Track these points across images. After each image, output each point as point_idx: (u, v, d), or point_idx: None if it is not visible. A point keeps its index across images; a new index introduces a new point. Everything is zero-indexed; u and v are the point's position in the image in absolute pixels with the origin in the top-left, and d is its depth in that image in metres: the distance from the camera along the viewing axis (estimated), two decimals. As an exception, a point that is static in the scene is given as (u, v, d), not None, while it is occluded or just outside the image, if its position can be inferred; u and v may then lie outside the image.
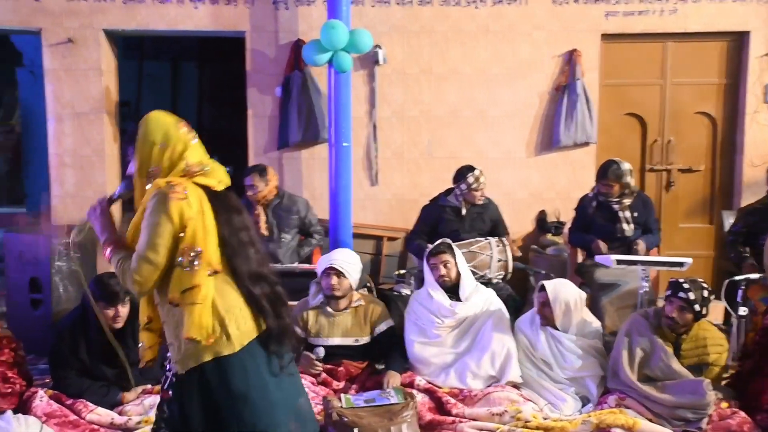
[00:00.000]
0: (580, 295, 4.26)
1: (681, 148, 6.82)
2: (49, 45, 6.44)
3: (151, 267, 2.34)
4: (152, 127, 2.48)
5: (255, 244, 2.52)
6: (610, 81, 6.76)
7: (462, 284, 4.40)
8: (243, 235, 2.49)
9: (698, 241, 6.88)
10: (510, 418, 3.75)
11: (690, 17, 6.56)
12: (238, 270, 2.44)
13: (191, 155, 2.47)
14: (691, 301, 3.90)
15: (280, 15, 6.50)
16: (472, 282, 4.47)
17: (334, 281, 4.25)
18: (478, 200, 5.25)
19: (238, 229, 2.48)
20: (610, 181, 5.12)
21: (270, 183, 5.45)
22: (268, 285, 2.50)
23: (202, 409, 2.38)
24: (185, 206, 2.35)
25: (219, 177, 2.51)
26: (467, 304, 4.37)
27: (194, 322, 2.31)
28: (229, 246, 2.44)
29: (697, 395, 3.74)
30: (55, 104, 6.49)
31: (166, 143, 2.45)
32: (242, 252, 2.47)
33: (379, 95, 6.60)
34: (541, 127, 6.68)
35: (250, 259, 2.47)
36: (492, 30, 6.58)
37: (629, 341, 4.05)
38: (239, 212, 2.53)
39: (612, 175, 5.11)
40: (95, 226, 2.60)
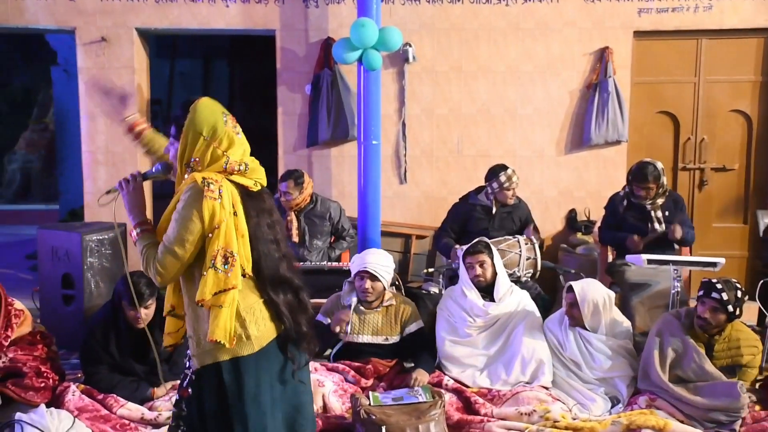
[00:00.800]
0: (609, 295, 4.22)
1: (715, 147, 6.72)
2: (83, 44, 6.53)
3: (175, 261, 2.34)
4: (201, 117, 2.41)
5: (282, 248, 2.48)
6: (642, 79, 6.68)
7: (497, 285, 4.39)
8: (270, 239, 2.45)
9: (732, 241, 6.78)
10: (538, 417, 3.73)
11: (725, 13, 6.45)
12: (262, 273, 2.42)
13: (234, 153, 2.42)
14: (725, 301, 3.84)
15: (310, 13, 6.52)
16: (507, 283, 4.46)
17: (367, 285, 4.28)
18: (509, 200, 5.22)
19: (266, 233, 2.44)
20: (650, 183, 5.02)
21: (305, 191, 5.37)
22: (291, 291, 2.46)
23: (216, 407, 2.37)
24: (218, 207, 2.31)
25: (256, 177, 2.47)
26: (500, 305, 4.35)
27: (219, 325, 2.29)
28: (255, 249, 2.41)
29: (732, 398, 3.68)
30: (88, 102, 6.58)
31: (211, 138, 2.40)
32: (268, 256, 2.43)
33: (408, 93, 6.59)
34: (572, 125, 6.62)
35: (275, 264, 2.44)
36: (522, 27, 6.53)
37: (661, 341, 4.00)
38: (270, 215, 2.49)
39: (651, 177, 5.01)
40: (124, 200, 2.56)
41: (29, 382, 3.76)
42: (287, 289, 2.46)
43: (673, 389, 3.85)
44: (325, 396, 3.97)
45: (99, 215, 6.49)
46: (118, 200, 2.58)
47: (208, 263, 2.31)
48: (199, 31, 6.77)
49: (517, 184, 5.22)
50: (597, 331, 4.17)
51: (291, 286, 2.47)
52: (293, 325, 2.43)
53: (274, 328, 2.43)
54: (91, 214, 6.62)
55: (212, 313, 2.31)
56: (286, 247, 2.52)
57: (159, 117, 10.35)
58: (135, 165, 6.60)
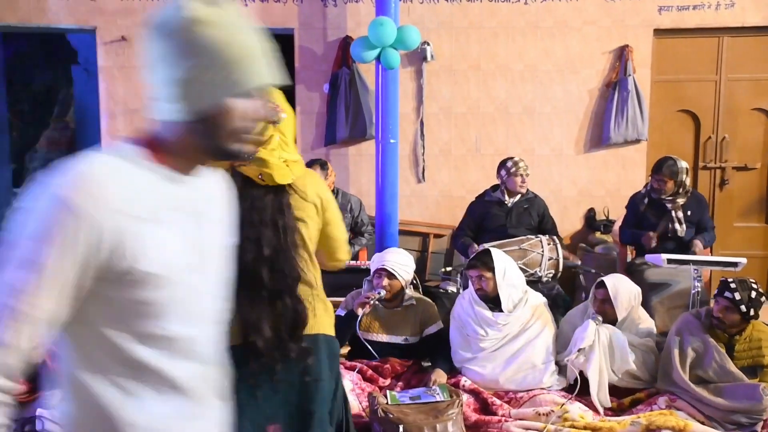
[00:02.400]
0: (637, 291, 4.19)
1: (736, 146, 6.66)
2: (103, 43, 6.58)
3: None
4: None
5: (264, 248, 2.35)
6: (663, 77, 6.62)
7: (502, 298, 4.15)
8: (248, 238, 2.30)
9: (753, 240, 6.71)
10: (557, 418, 3.71)
11: (747, 11, 6.39)
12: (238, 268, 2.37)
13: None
14: (737, 301, 3.80)
15: (328, 12, 6.53)
16: (515, 295, 4.19)
17: (384, 283, 4.21)
18: (519, 187, 5.19)
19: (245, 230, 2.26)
20: (664, 176, 5.00)
21: (329, 178, 5.47)
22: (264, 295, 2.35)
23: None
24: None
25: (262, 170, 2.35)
26: (511, 316, 4.14)
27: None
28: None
29: (754, 400, 3.65)
30: (108, 101, 6.63)
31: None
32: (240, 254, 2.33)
33: (426, 92, 6.59)
34: (591, 124, 6.59)
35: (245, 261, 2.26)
36: (542, 26, 6.50)
37: (681, 341, 3.97)
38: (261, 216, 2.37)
39: (666, 171, 4.99)
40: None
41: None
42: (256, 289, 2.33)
43: (695, 389, 3.81)
44: (342, 395, 3.98)
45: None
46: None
47: None
48: (218, 30, 6.79)
49: (526, 171, 5.20)
50: (622, 326, 4.13)
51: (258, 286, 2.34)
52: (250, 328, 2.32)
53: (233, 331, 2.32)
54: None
55: None
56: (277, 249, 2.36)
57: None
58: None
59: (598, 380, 3.95)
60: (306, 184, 2.47)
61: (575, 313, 4.35)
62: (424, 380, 4.05)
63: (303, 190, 2.45)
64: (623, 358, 4.03)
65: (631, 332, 4.15)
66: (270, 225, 2.36)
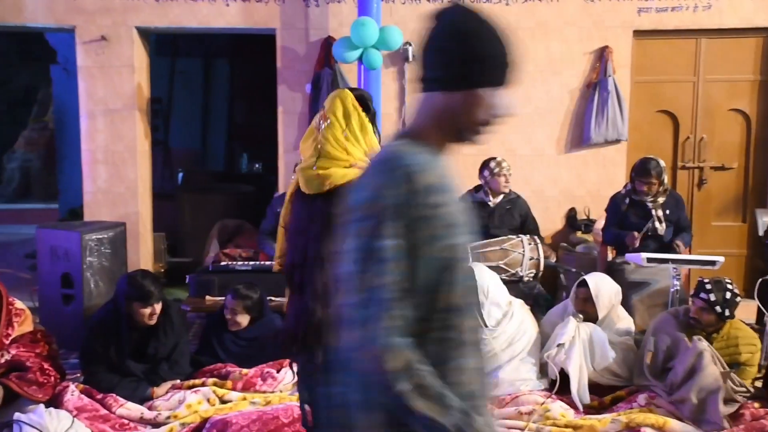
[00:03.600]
0: (618, 290, 4.24)
1: (714, 146, 6.72)
2: (82, 42, 6.52)
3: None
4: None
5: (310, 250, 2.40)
6: (642, 78, 6.68)
7: (484, 313, 4.14)
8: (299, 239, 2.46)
9: (731, 239, 6.78)
10: (538, 417, 3.73)
11: (725, 13, 6.45)
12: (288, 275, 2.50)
13: (304, 149, 2.51)
14: (713, 302, 3.86)
15: (310, 12, 6.52)
16: (497, 312, 4.20)
17: None
18: (502, 187, 5.22)
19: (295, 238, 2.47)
20: (653, 179, 5.03)
21: None
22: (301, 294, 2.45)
23: None
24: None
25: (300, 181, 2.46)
26: (497, 332, 4.13)
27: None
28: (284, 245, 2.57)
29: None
30: (88, 101, 6.58)
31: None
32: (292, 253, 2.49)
33: (409, 92, 6.59)
34: (572, 125, 6.62)
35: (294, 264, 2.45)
36: (523, 27, 6.53)
37: (655, 340, 4.04)
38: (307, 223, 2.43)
39: (654, 173, 5.03)
40: None
41: (33, 376, 3.76)
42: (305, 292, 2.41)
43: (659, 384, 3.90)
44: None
45: (98, 214, 6.49)
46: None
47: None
48: (199, 30, 6.77)
49: (508, 171, 5.24)
50: (602, 325, 4.16)
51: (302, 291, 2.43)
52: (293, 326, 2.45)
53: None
54: (90, 213, 6.62)
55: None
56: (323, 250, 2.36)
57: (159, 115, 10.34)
58: (135, 164, 6.60)
59: (579, 377, 3.98)
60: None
61: (555, 312, 4.39)
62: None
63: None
64: (603, 355, 4.07)
65: (611, 330, 4.20)
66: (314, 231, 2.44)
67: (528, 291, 4.87)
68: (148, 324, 4.02)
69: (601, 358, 4.08)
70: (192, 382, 4.06)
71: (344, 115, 2.43)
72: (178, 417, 3.71)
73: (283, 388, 4.01)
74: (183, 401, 3.80)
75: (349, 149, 2.41)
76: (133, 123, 6.61)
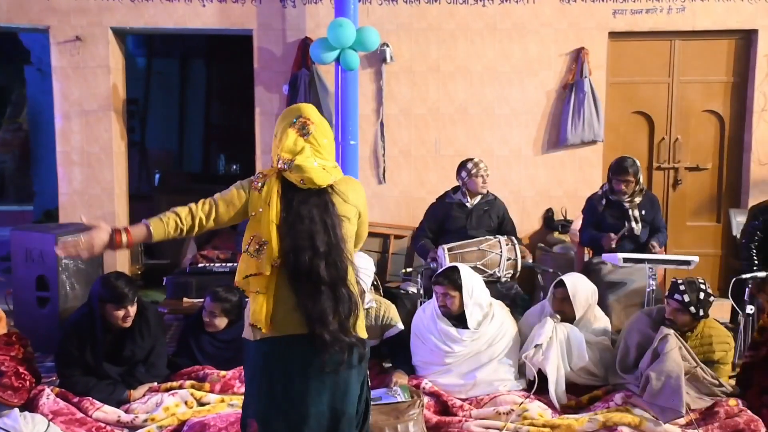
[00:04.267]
0: (594, 290, 4.27)
1: (688, 147, 6.80)
2: (57, 43, 6.46)
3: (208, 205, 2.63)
4: (280, 119, 2.67)
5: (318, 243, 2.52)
6: (618, 79, 6.74)
7: (467, 316, 4.14)
8: (304, 233, 2.52)
9: (706, 239, 6.86)
10: (516, 416, 3.75)
11: (698, 15, 6.54)
12: (289, 264, 2.52)
13: (283, 151, 2.59)
14: (686, 303, 3.91)
15: (287, 13, 6.51)
16: (478, 314, 4.18)
17: None
18: (480, 188, 5.23)
19: (300, 226, 2.52)
20: (629, 176, 5.07)
21: None
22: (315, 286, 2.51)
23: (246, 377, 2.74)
24: (255, 196, 2.59)
25: (302, 175, 2.55)
26: (476, 333, 4.13)
27: (254, 309, 2.52)
28: (285, 240, 2.52)
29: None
30: (63, 102, 6.52)
31: (277, 139, 2.64)
32: (297, 248, 2.51)
33: (386, 93, 6.60)
34: (549, 125, 6.67)
35: (303, 256, 2.50)
36: (499, 28, 6.57)
37: (628, 340, 4.08)
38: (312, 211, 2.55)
39: (631, 171, 5.07)
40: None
41: (8, 381, 3.72)
42: (313, 283, 2.51)
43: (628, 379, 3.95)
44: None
45: (74, 216, 6.43)
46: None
47: (243, 247, 2.54)
48: (175, 30, 6.73)
49: (486, 172, 5.23)
50: (579, 325, 4.19)
51: (317, 281, 2.51)
52: (309, 321, 2.50)
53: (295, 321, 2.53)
54: (65, 214, 6.56)
55: (250, 297, 2.54)
56: (329, 244, 2.54)
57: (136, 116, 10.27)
58: (111, 165, 6.55)
59: (556, 377, 4.00)
60: (348, 189, 2.67)
61: (533, 312, 4.41)
62: (385, 381, 4.06)
63: (345, 193, 2.65)
64: (580, 355, 4.10)
65: (588, 330, 4.23)
66: (320, 223, 2.55)
67: (506, 291, 4.89)
68: (123, 326, 3.99)
69: (578, 358, 4.11)
70: (169, 384, 4.03)
71: (320, 122, 2.67)
72: (156, 420, 3.68)
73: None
74: (160, 404, 3.77)
75: (330, 152, 2.69)
76: (108, 124, 6.56)
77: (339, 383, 2.59)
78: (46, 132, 8.82)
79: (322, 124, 2.66)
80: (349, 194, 2.66)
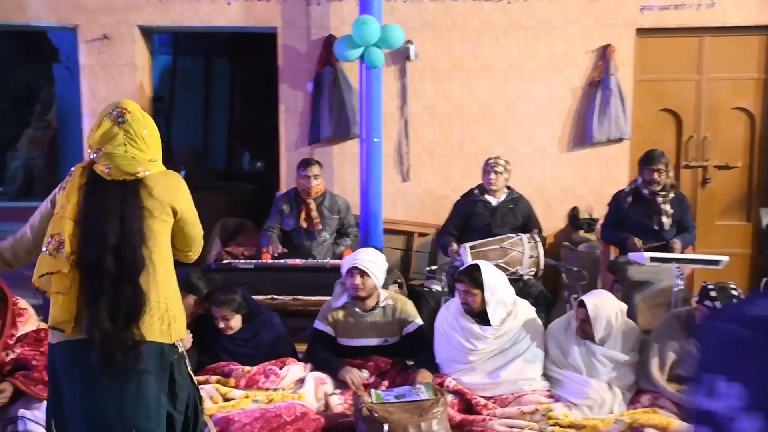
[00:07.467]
0: (621, 309, 4.10)
1: (717, 145, 6.71)
2: (85, 41, 6.53)
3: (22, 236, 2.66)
4: (100, 112, 2.66)
5: (110, 237, 2.41)
6: (645, 76, 6.66)
7: (489, 314, 4.11)
8: (99, 225, 2.42)
9: (735, 239, 6.76)
10: (541, 416, 3.72)
11: (728, 11, 6.44)
12: (81, 260, 2.42)
13: (92, 141, 2.58)
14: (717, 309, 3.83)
15: (311, 10, 6.52)
16: (501, 312, 4.14)
17: (357, 281, 4.14)
18: (490, 184, 5.20)
19: (95, 219, 2.43)
20: (660, 165, 5.04)
21: (323, 177, 5.50)
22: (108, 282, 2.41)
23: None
24: (60, 194, 2.53)
25: (109, 163, 2.49)
26: (501, 330, 4.10)
27: (54, 310, 2.43)
28: (81, 234, 2.43)
29: None
30: (90, 100, 6.58)
31: (92, 129, 2.63)
32: (90, 242, 2.42)
33: (410, 91, 6.58)
34: (574, 123, 6.61)
35: (95, 250, 2.40)
36: (524, 25, 6.52)
37: (660, 346, 3.99)
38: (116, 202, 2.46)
39: (662, 159, 5.06)
40: None
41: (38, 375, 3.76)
42: (104, 279, 2.41)
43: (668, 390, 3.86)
44: (326, 394, 3.97)
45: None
46: None
47: (43, 246, 2.45)
48: (201, 28, 6.77)
49: (503, 168, 5.20)
50: (605, 343, 4.07)
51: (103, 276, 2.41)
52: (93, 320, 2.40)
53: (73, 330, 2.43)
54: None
55: (51, 299, 2.45)
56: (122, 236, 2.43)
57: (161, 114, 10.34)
58: (137, 162, 6.59)
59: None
60: (157, 183, 2.54)
61: (558, 327, 4.24)
62: (409, 380, 4.05)
63: (151, 187, 2.52)
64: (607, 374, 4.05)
65: (616, 349, 4.09)
66: (115, 215, 2.44)
67: (528, 290, 4.84)
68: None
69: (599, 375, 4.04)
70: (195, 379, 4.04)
71: (141, 115, 2.62)
72: None
73: (285, 386, 4.00)
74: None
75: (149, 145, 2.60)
76: (135, 122, 6.59)
77: (128, 391, 2.44)
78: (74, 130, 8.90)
79: (143, 116, 2.60)
80: (157, 188, 2.52)
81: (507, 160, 5.29)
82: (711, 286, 3.89)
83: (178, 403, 2.57)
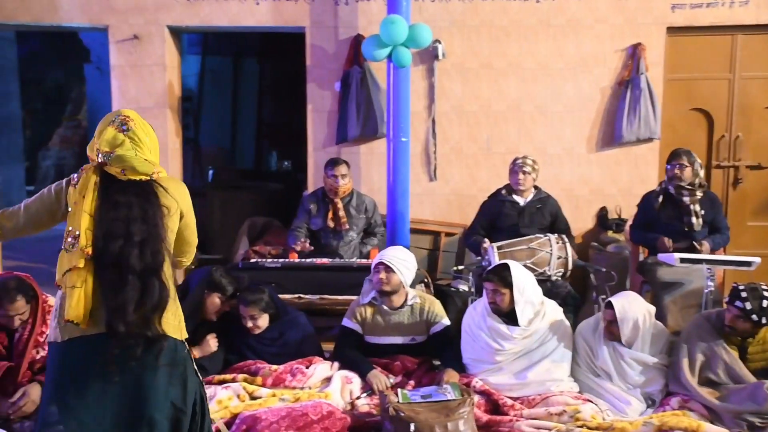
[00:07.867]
0: (649, 311, 4.07)
1: (749, 144, 6.61)
2: (115, 41, 6.60)
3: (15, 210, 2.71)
4: (101, 121, 2.68)
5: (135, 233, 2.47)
6: (676, 75, 6.58)
7: (518, 314, 4.08)
8: (117, 222, 2.47)
9: (767, 240, 6.66)
10: (568, 418, 3.69)
11: (762, 9, 6.33)
12: (98, 254, 2.46)
13: (102, 145, 2.59)
14: (748, 311, 3.76)
15: (340, 10, 6.53)
16: (529, 312, 4.12)
17: (382, 275, 4.17)
18: (518, 184, 5.17)
19: (113, 215, 2.48)
20: (683, 161, 4.99)
21: (350, 177, 5.53)
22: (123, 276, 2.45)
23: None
24: (72, 191, 2.57)
25: (123, 165, 2.55)
26: (527, 330, 4.08)
27: (71, 305, 2.43)
28: (97, 230, 2.47)
29: (757, 401, 3.62)
30: (120, 99, 6.66)
31: (95, 136, 2.64)
32: (108, 237, 2.46)
33: (438, 90, 6.57)
34: (603, 123, 6.55)
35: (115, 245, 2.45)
36: (553, 24, 6.48)
37: (690, 348, 3.94)
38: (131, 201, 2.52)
39: (685, 155, 5.01)
40: None
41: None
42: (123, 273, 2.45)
43: (701, 394, 3.79)
44: (352, 393, 3.98)
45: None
46: None
47: (63, 244, 2.50)
48: (229, 28, 6.82)
49: (531, 168, 5.16)
50: (633, 345, 4.04)
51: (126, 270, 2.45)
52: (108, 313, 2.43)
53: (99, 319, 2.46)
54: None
55: (66, 294, 2.45)
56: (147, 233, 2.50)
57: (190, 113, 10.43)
58: (166, 161, 6.66)
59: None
60: (169, 183, 2.68)
61: (587, 328, 4.21)
62: (435, 379, 4.04)
63: (166, 186, 2.64)
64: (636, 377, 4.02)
65: (644, 351, 4.06)
66: (139, 210, 2.51)
67: (556, 290, 4.80)
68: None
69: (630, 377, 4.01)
70: (223, 377, 4.08)
71: (142, 123, 2.69)
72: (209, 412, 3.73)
73: (312, 384, 4.02)
74: (214, 396, 3.82)
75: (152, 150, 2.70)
76: (164, 121, 6.68)
77: (144, 385, 2.49)
78: (104, 129, 9.01)
79: (143, 124, 2.67)
80: (170, 189, 2.64)
81: (535, 159, 5.26)
82: (742, 287, 3.83)
83: (188, 397, 2.62)
